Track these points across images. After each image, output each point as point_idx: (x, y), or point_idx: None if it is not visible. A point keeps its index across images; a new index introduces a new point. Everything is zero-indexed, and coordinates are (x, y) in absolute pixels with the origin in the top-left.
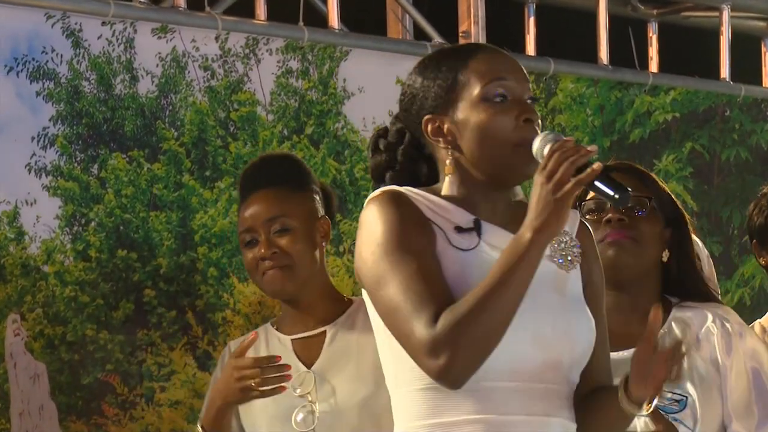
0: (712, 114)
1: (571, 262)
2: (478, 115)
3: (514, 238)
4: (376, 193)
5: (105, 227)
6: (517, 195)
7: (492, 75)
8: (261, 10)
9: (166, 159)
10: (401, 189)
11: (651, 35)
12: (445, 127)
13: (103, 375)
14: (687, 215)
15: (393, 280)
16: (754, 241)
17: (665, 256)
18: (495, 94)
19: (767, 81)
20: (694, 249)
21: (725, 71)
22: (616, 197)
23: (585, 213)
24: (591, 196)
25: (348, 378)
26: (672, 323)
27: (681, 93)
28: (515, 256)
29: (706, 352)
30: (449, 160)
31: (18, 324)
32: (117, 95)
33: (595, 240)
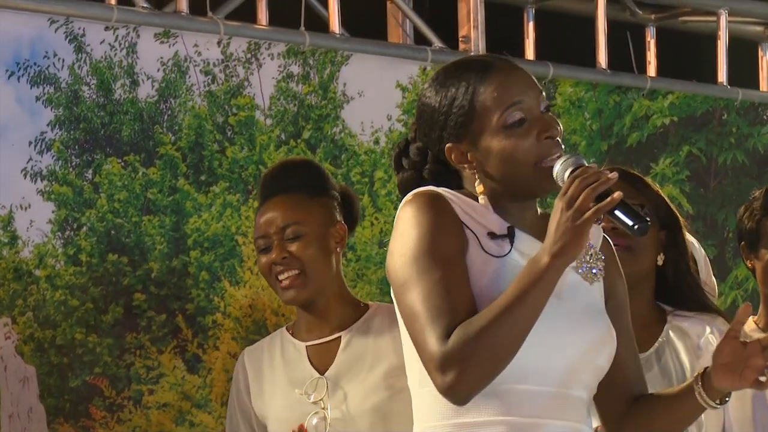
0: (709, 118)
1: (596, 275)
2: (500, 143)
3: (531, 260)
4: (414, 193)
5: (96, 232)
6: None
7: (507, 101)
8: (263, 15)
9: (162, 163)
10: (439, 190)
11: (649, 40)
12: (469, 155)
13: (91, 378)
14: (681, 218)
15: (416, 287)
16: (742, 244)
17: (660, 259)
18: (513, 122)
19: (764, 85)
20: (688, 251)
21: (722, 75)
22: (635, 227)
23: None
24: None
25: (360, 384)
26: (670, 332)
27: (679, 97)
28: (531, 279)
29: (706, 361)
30: (477, 182)
31: (9, 327)
32: (116, 100)
33: None
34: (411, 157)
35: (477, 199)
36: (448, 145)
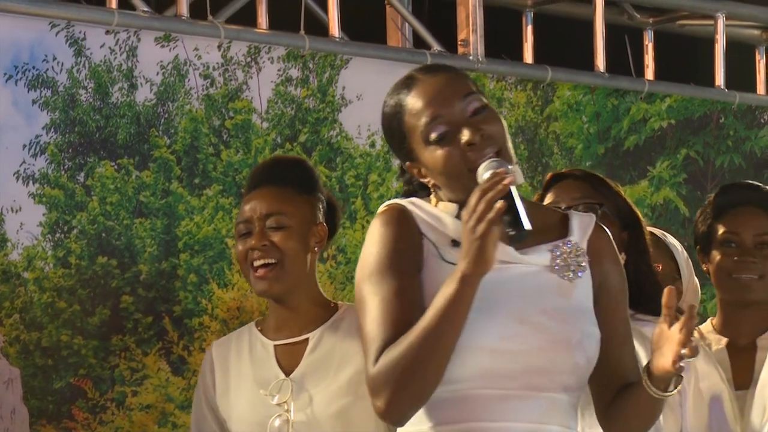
0: (707, 121)
1: (574, 272)
2: (431, 157)
3: (450, 275)
4: (382, 208)
5: (87, 234)
6: None
7: (426, 117)
8: (263, 18)
9: (155, 166)
10: (406, 203)
11: (647, 43)
12: (422, 170)
13: (75, 380)
14: (642, 218)
15: (366, 305)
16: (698, 248)
17: (622, 259)
18: (434, 138)
19: (761, 88)
20: (649, 252)
21: (720, 79)
22: (510, 234)
23: None
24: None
25: (326, 387)
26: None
27: (676, 100)
28: (446, 296)
29: None
30: (433, 194)
31: None
32: (113, 103)
33: None
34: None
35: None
36: (406, 164)
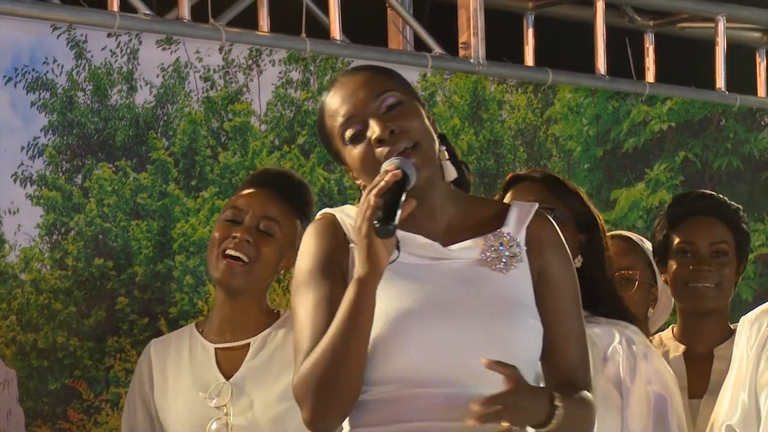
0: (707, 123)
1: (507, 264)
2: (350, 157)
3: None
4: (313, 221)
5: (84, 236)
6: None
7: (341, 117)
8: (264, 21)
9: (153, 168)
10: (334, 212)
11: (648, 46)
12: (352, 172)
13: (71, 381)
14: (600, 220)
15: (295, 316)
16: (656, 259)
17: (578, 261)
18: (349, 137)
19: (762, 90)
20: (606, 257)
21: (720, 81)
22: (375, 226)
23: None
24: None
25: (265, 393)
26: None
27: (677, 103)
28: (346, 301)
29: (610, 371)
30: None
31: None
32: (112, 105)
33: None
34: None
35: None
36: (344, 168)
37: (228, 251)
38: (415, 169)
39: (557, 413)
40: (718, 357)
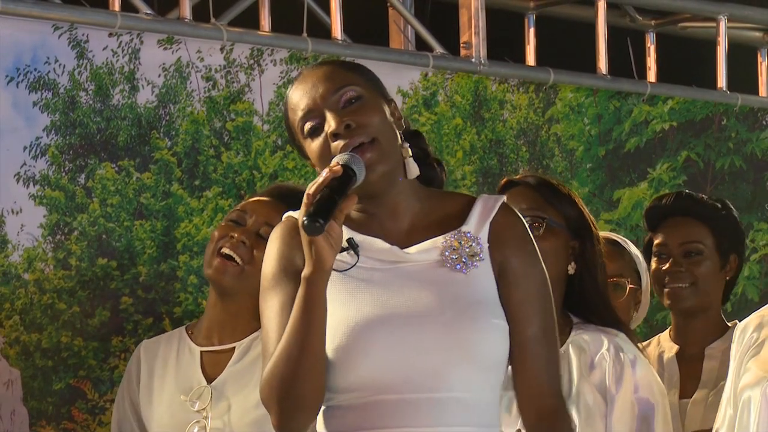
0: (709, 123)
1: (466, 263)
2: (309, 151)
3: None
4: (276, 226)
5: (87, 236)
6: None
7: (301, 111)
8: (265, 21)
9: (156, 168)
10: (296, 215)
11: (649, 45)
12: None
13: (75, 381)
14: (595, 227)
15: (262, 320)
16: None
17: (572, 268)
18: (307, 131)
19: (763, 90)
20: (599, 263)
21: (722, 81)
22: (303, 222)
23: None
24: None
25: (244, 398)
26: (569, 346)
27: (678, 102)
28: (297, 302)
29: (596, 378)
30: None
31: None
32: (114, 105)
33: None
34: None
35: None
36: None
37: (223, 250)
38: (366, 166)
39: None
40: (708, 356)
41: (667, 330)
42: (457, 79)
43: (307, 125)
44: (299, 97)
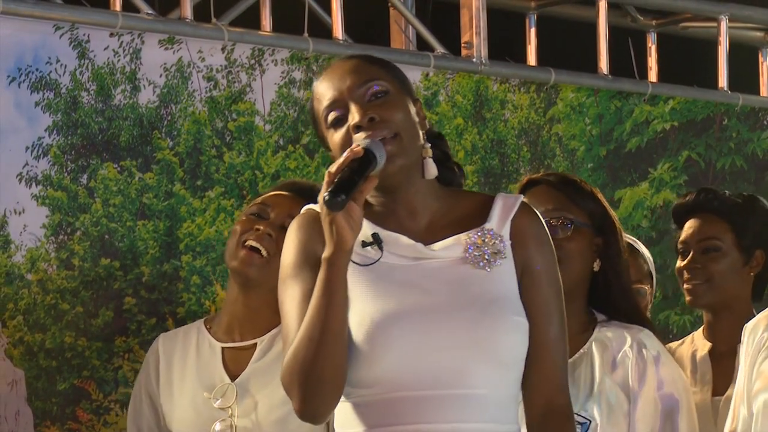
0: (710, 123)
1: (489, 260)
2: (331, 142)
3: None
4: (295, 217)
5: (90, 236)
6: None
7: (327, 101)
8: (266, 21)
9: (158, 168)
10: (317, 208)
11: (650, 45)
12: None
13: (79, 381)
14: (618, 225)
15: (282, 310)
16: None
17: (597, 265)
18: (331, 121)
19: (764, 90)
20: (622, 259)
21: (723, 81)
22: (324, 198)
23: None
24: None
25: (270, 394)
26: (593, 344)
27: (680, 102)
28: (318, 284)
29: (619, 376)
30: None
31: None
32: (116, 105)
33: None
34: None
35: None
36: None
37: (248, 242)
38: (387, 155)
39: None
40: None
41: (701, 328)
42: (459, 79)
43: (331, 115)
44: (326, 88)
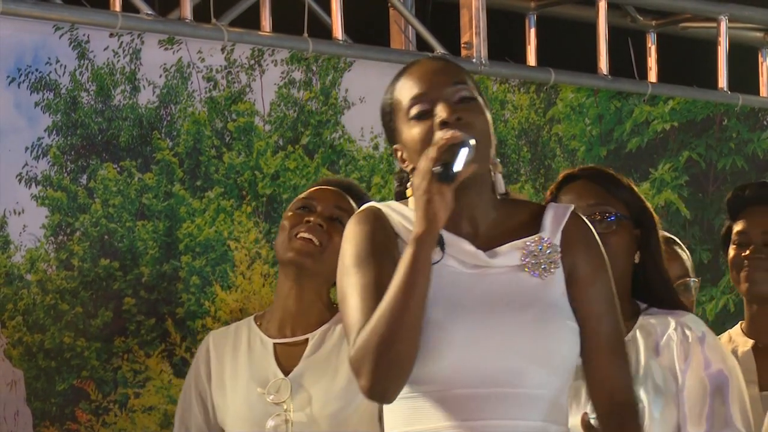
0: (710, 123)
1: (546, 270)
2: (408, 134)
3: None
4: (355, 213)
5: (89, 236)
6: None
7: (413, 93)
8: (266, 21)
9: (158, 169)
10: (379, 205)
11: (650, 46)
12: (402, 153)
13: (78, 381)
14: (655, 216)
15: (346, 296)
16: (722, 251)
17: (637, 257)
18: (417, 113)
19: (764, 90)
20: (661, 250)
21: (723, 81)
22: (436, 171)
23: None
24: None
25: (323, 389)
26: (637, 331)
27: (679, 102)
28: (404, 261)
29: (665, 359)
30: (410, 183)
31: None
32: (115, 106)
33: None
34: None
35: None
36: (394, 147)
37: (300, 234)
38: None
39: None
40: None
41: (738, 325)
42: None
43: (416, 108)
44: (414, 81)
